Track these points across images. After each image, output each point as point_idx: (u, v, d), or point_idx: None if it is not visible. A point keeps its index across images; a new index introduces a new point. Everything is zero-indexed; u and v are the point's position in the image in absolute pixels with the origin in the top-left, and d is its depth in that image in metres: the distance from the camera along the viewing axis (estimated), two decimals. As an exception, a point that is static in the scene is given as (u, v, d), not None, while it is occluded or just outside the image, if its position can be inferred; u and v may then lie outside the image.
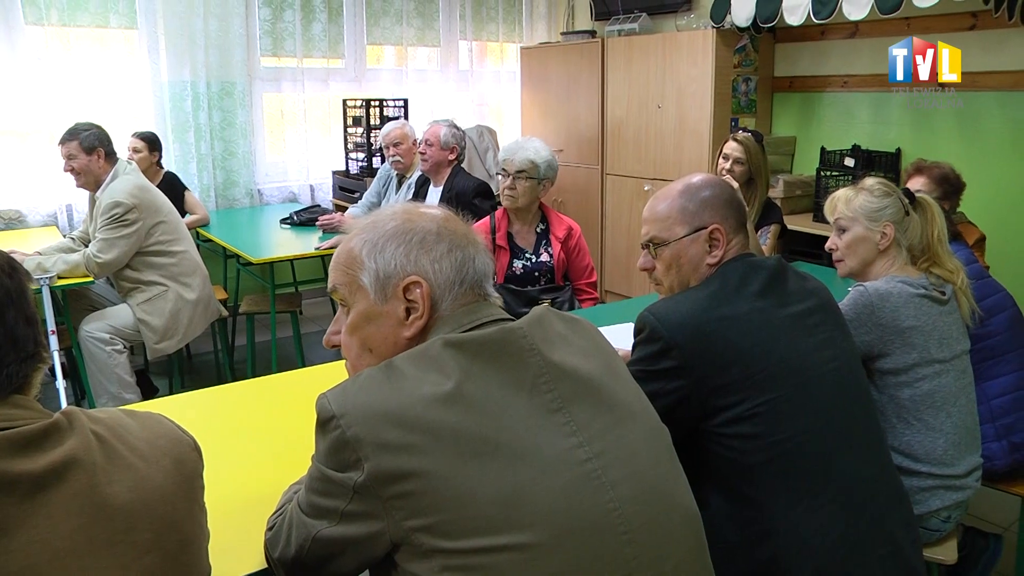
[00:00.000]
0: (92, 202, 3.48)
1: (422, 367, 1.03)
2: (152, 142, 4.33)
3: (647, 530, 1.03)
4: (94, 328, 3.33)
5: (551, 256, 3.07)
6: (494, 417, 1.00)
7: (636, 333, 1.55)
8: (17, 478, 0.83)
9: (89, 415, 0.95)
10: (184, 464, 1.01)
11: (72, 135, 3.30)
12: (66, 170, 3.32)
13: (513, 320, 1.13)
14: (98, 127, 3.37)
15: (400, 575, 0.99)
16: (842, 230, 2.02)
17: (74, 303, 3.61)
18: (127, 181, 3.32)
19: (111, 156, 3.37)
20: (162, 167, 4.44)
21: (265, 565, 1.23)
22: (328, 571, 1.08)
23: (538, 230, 3.12)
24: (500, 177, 3.10)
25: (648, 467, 1.08)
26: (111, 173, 3.35)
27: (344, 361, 1.21)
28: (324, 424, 1.02)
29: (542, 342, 1.09)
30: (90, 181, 3.34)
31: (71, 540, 0.85)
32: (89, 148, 3.29)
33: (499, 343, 1.06)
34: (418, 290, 1.10)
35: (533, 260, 3.07)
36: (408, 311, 1.11)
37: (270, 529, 1.19)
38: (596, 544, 0.99)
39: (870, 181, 2.03)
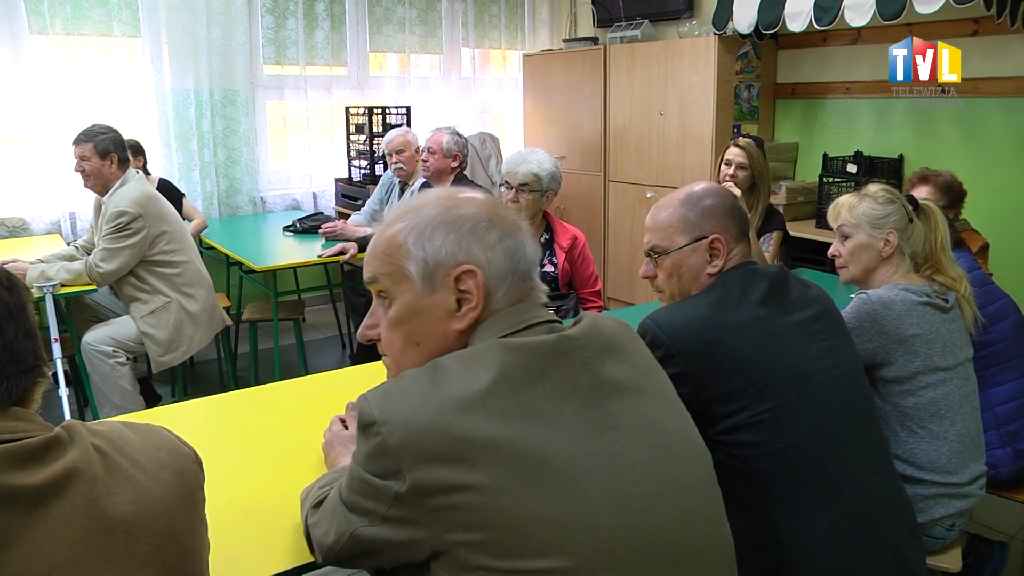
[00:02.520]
0: (98, 208, 3.48)
1: (472, 371, 0.97)
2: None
3: (689, 557, 1.01)
4: (97, 340, 3.33)
5: (555, 266, 3.07)
6: (546, 433, 0.96)
7: (638, 340, 1.55)
8: (18, 491, 0.83)
9: (89, 428, 0.95)
10: (184, 476, 1.00)
11: (88, 137, 3.28)
12: (77, 170, 3.31)
13: (560, 322, 1.09)
14: (115, 131, 3.36)
15: None
16: (845, 237, 2.02)
17: (77, 312, 3.61)
18: (134, 189, 3.32)
19: (124, 163, 3.36)
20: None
21: None
22: (363, 564, 1.06)
23: (542, 240, 3.12)
24: (503, 189, 3.09)
25: (693, 493, 1.05)
26: (121, 180, 3.35)
27: (384, 359, 1.16)
28: (365, 428, 0.98)
29: (595, 354, 1.05)
30: (99, 185, 3.34)
31: (72, 553, 0.85)
32: (103, 152, 3.29)
33: (555, 351, 1.02)
34: (471, 280, 1.04)
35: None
36: (459, 302, 1.05)
37: (316, 506, 1.17)
38: (640, 570, 0.96)
39: (873, 188, 2.03)
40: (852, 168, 4.35)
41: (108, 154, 3.29)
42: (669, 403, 1.12)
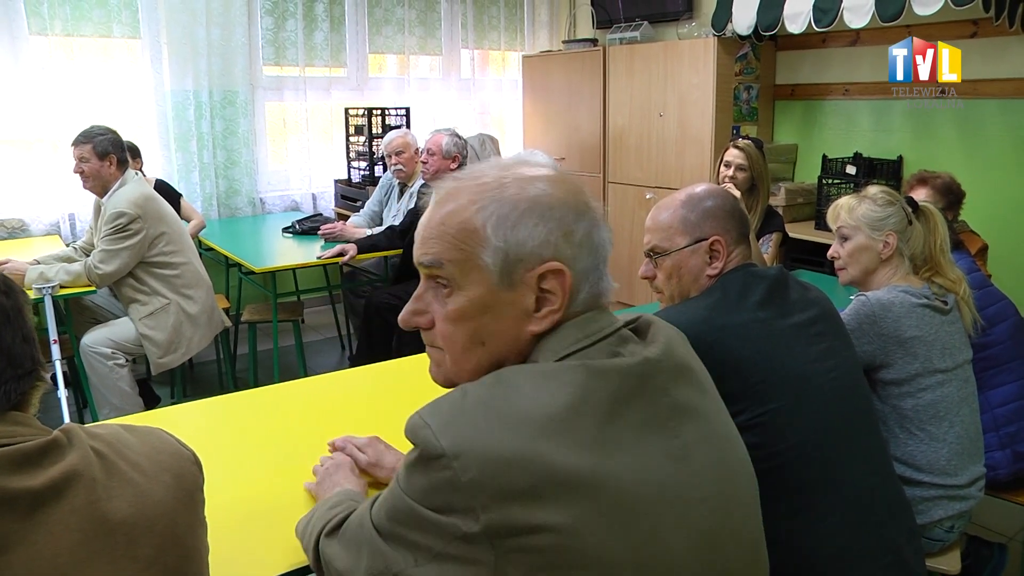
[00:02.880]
0: (97, 210, 3.48)
1: (546, 387, 0.87)
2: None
3: None
4: (95, 342, 3.32)
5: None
6: (629, 465, 0.86)
7: (637, 342, 1.55)
8: (17, 495, 0.83)
9: (88, 431, 0.95)
10: (184, 479, 1.00)
11: (87, 138, 3.28)
12: (76, 171, 3.31)
13: (631, 332, 1.00)
14: (114, 132, 3.36)
15: None
16: (844, 238, 2.02)
17: (76, 314, 3.61)
18: (133, 190, 3.31)
19: (123, 164, 3.36)
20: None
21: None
22: None
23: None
24: None
25: (747, 524, 1.00)
26: (120, 181, 3.35)
27: (431, 351, 1.03)
28: (428, 461, 0.85)
29: (673, 377, 0.96)
30: (97, 186, 3.34)
31: (71, 556, 0.85)
32: (102, 153, 3.29)
33: (640, 377, 0.92)
34: (557, 280, 0.93)
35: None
36: (539, 302, 0.94)
37: (332, 531, 1.06)
38: None
39: (873, 189, 2.03)
40: (851, 170, 4.36)
41: (107, 155, 3.29)
42: (731, 427, 1.05)
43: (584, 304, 0.96)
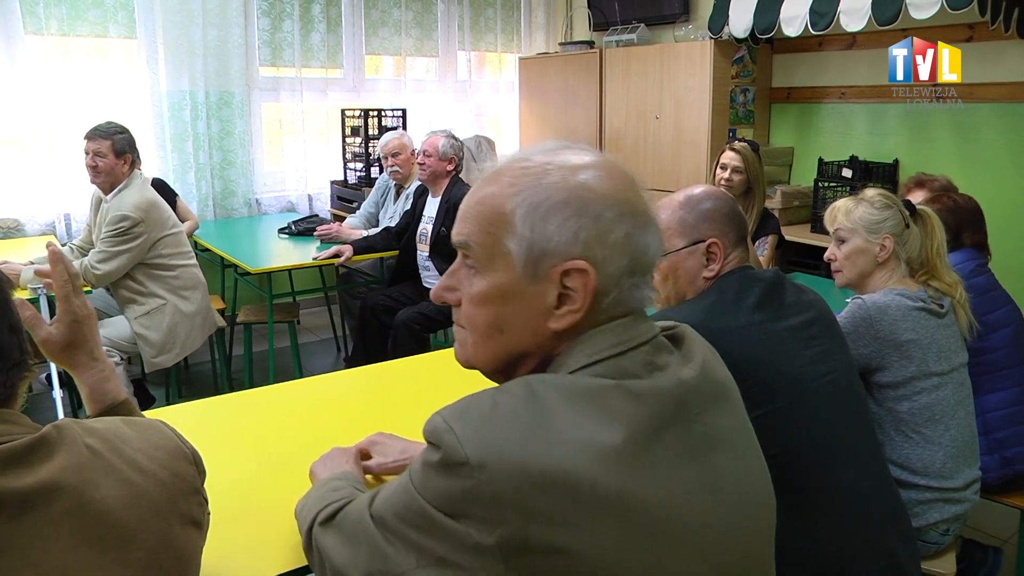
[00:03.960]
0: (96, 204, 3.47)
1: (585, 413, 0.83)
2: None
3: None
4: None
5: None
6: (661, 495, 0.83)
7: (634, 345, 1.55)
8: (3, 497, 0.80)
9: (84, 426, 0.92)
10: (183, 478, 0.98)
11: (106, 134, 3.28)
12: (89, 164, 3.28)
13: (667, 340, 0.97)
14: (129, 132, 3.37)
15: None
16: (841, 241, 2.02)
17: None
18: (137, 194, 3.31)
19: (134, 164, 3.38)
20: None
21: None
22: None
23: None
24: None
25: (765, 552, 0.96)
26: (126, 180, 3.34)
27: (457, 330, 1.01)
28: (450, 467, 0.81)
29: (708, 403, 0.92)
30: (107, 183, 3.33)
31: (62, 560, 0.82)
32: (120, 152, 3.29)
33: (675, 400, 0.88)
34: (580, 279, 0.89)
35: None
36: (561, 299, 0.90)
37: (327, 521, 1.03)
38: None
39: (870, 192, 2.03)
40: (847, 173, 4.37)
41: (123, 154, 3.31)
42: (759, 458, 1.01)
43: (610, 310, 0.91)
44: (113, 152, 3.28)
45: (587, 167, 0.92)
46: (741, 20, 4.49)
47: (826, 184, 4.41)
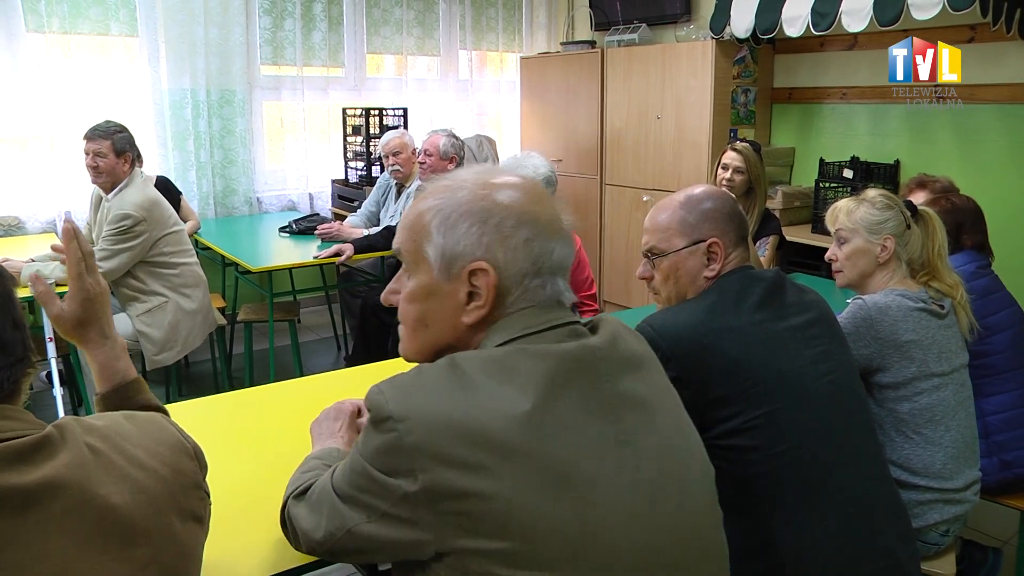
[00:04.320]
0: (96, 203, 3.48)
1: (497, 378, 0.95)
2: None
3: (687, 570, 1.01)
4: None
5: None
6: (569, 445, 0.94)
7: (635, 344, 1.55)
8: (7, 493, 0.80)
9: (84, 424, 0.92)
10: (184, 475, 0.98)
11: (106, 134, 3.29)
12: (90, 165, 3.29)
13: (584, 327, 1.07)
14: (128, 131, 3.37)
15: None
16: (842, 241, 2.02)
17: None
18: (139, 193, 3.31)
19: (134, 162, 3.39)
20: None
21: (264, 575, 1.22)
22: (356, 559, 1.05)
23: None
24: None
25: (700, 507, 1.05)
26: (127, 179, 3.35)
27: (399, 328, 1.14)
28: (378, 423, 0.95)
29: (615, 365, 1.03)
30: (109, 182, 3.34)
31: (64, 556, 0.82)
32: (120, 151, 3.30)
33: (579, 361, 0.99)
34: (484, 278, 1.02)
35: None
36: (471, 296, 1.03)
37: (299, 495, 1.15)
38: None
39: (872, 193, 2.03)
40: (848, 173, 4.37)
41: (124, 153, 3.31)
42: (681, 421, 1.10)
43: (517, 305, 1.03)
44: (113, 151, 3.28)
45: (498, 185, 1.06)
46: (743, 20, 4.48)
47: (827, 185, 4.40)
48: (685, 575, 1.00)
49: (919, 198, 2.67)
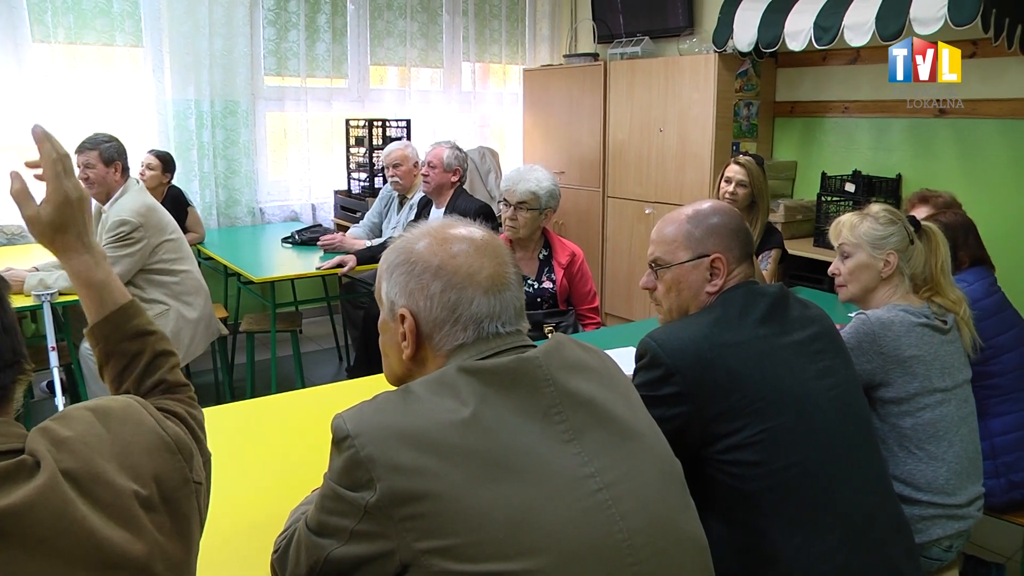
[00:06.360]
0: (97, 216, 3.48)
1: (438, 392, 1.05)
2: (167, 162, 4.37)
3: (656, 561, 1.04)
4: (94, 345, 3.32)
5: (553, 283, 3.07)
6: (507, 443, 1.02)
7: (638, 359, 1.55)
8: None
9: (54, 438, 0.86)
10: (165, 477, 0.93)
11: (93, 145, 3.31)
12: (81, 177, 3.31)
13: (534, 347, 1.13)
14: (117, 140, 3.39)
15: None
16: (846, 256, 2.02)
17: (75, 321, 3.60)
18: (135, 200, 3.33)
19: (126, 171, 3.40)
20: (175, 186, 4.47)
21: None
22: None
23: (540, 256, 3.12)
24: (502, 206, 3.10)
25: (659, 498, 1.09)
26: (122, 188, 3.36)
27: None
28: (339, 443, 1.03)
29: (558, 371, 1.10)
30: (102, 192, 3.35)
31: None
32: (108, 160, 3.31)
33: (514, 371, 1.07)
34: (407, 323, 1.13)
35: (535, 287, 3.07)
36: (404, 335, 1.14)
37: (276, 551, 1.20)
38: (604, 574, 1.00)
39: (875, 208, 2.03)
40: (850, 187, 4.37)
41: (112, 162, 3.32)
42: (635, 411, 1.17)
43: (447, 345, 1.12)
44: (101, 161, 3.30)
45: (453, 239, 1.16)
46: (746, 34, 4.50)
47: (829, 198, 4.41)
48: (651, 558, 1.04)
49: (921, 213, 2.67)
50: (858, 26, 3.90)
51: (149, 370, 1.17)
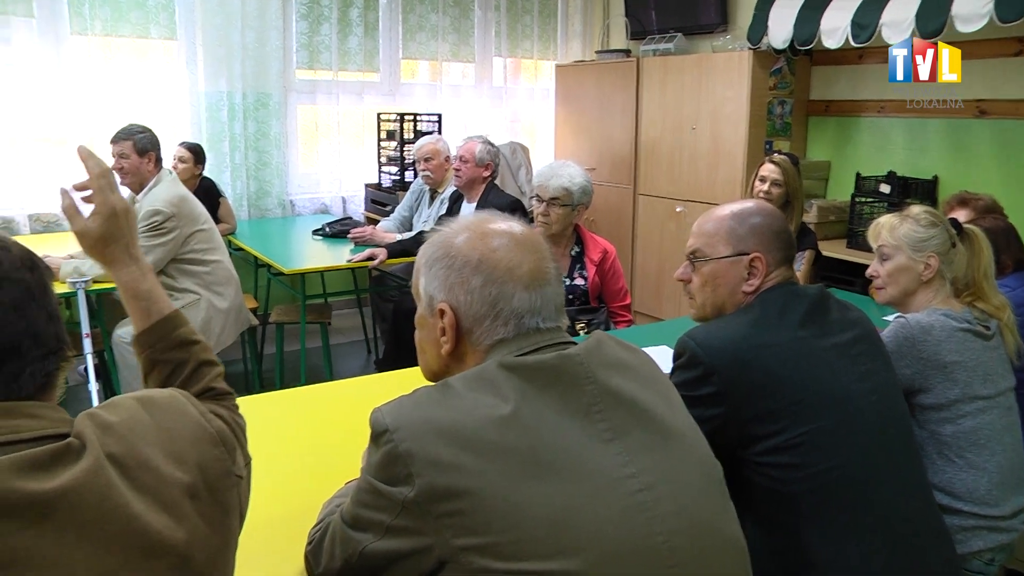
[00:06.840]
0: (131, 204, 3.52)
1: (478, 389, 1.03)
2: (198, 154, 4.42)
3: (695, 564, 1.02)
4: (127, 333, 3.36)
5: (585, 280, 3.06)
6: (548, 441, 1.00)
7: (676, 358, 1.54)
8: (25, 501, 0.77)
9: (100, 423, 0.89)
10: (208, 467, 0.94)
11: (127, 135, 3.36)
12: (114, 168, 3.35)
13: (574, 344, 1.12)
14: (151, 131, 3.44)
15: None
16: (885, 258, 1.99)
17: (108, 308, 3.64)
18: (168, 190, 3.36)
19: (159, 162, 3.44)
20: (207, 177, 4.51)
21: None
22: None
23: (572, 253, 3.10)
24: (534, 202, 3.08)
25: (699, 500, 1.07)
26: (155, 178, 3.39)
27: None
28: (377, 437, 1.02)
29: (598, 368, 1.09)
30: (135, 183, 3.39)
31: (85, 567, 0.79)
32: (142, 150, 3.36)
33: (555, 368, 1.06)
34: (444, 317, 1.12)
35: (567, 283, 3.05)
36: (443, 330, 1.13)
37: (311, 543, 1.20)
38: (642, 575, 0.98)
39: (916, 209, 1.99)
40: (885, 188, 4.30)
41: (146, 152, 3.36)
42: (676, 411, 1.15)
43: (487, 341, 1.11)
44: (135, 151, 3.35)
45: (492, 233, 1.15)
46: (781, 31, 4.45)
47: (863, 200, 4.35)
48: (690, 560, 1.02)
49: (961, 216, 2.61)
50: (897, 23, 3.83)
51: (194, 378, 1.18)
